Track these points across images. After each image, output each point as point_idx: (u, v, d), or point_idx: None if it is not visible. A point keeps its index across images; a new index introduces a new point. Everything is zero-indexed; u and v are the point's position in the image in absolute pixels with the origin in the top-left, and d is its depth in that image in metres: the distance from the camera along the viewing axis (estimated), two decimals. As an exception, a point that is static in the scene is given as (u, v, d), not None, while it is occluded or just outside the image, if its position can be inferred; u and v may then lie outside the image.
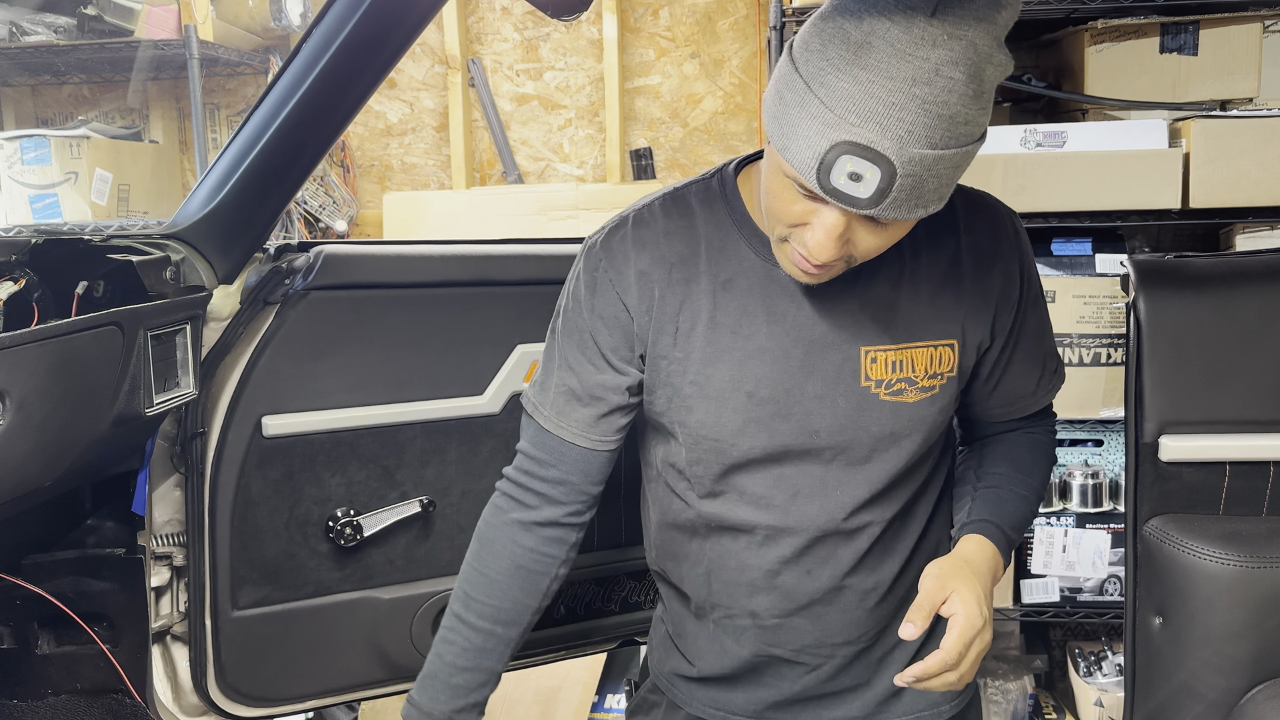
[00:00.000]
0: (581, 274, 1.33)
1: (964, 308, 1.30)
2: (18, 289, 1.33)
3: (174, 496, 1.61)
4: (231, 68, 3.45)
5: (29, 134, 3.16)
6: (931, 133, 1.02)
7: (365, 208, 3.55)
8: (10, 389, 1.19)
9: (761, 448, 1.29)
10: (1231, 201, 2.59)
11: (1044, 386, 1.41)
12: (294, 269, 1.60)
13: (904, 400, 1.28)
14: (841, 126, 1.03)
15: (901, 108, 1.01)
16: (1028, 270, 1.34)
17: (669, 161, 3.45)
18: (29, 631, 1.60)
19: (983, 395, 1.39)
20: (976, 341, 1.31)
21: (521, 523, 1.37)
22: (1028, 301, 1.35)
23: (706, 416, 1.28)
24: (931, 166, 1.04)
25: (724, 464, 1.31)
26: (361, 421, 1.64)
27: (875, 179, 1.04)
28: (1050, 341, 1.41)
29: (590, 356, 1.32)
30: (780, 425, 1.28)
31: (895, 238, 1.16)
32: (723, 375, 1.27)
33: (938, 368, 1.29)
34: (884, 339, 1.27)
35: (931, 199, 1.08)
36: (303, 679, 1.68)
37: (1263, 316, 1.63)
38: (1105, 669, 2.90)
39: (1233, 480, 1.64)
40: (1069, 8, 2.65)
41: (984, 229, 1.31)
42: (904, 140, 1.02)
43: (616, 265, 1.30)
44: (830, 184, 1.05)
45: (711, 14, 3.37)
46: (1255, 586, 1.55)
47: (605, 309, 1.30)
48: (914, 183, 1.05)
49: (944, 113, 1.02)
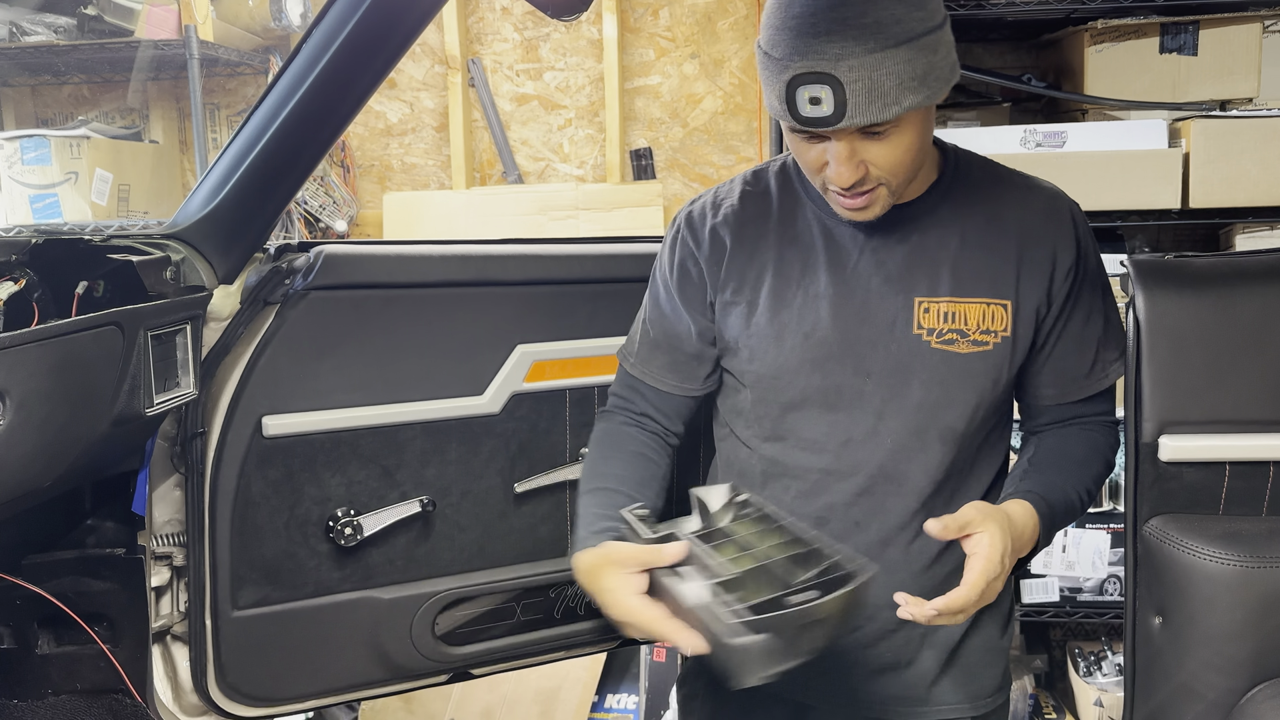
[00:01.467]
0: (669, 238, 1.51)
1: (1018, 273, 1.39)
2: (18, 289, 1.33)
3: (174, 496, 1.61)
4: (231, 68, 3.45)
5: (29, 134, 3.16)
6: (863, 40, 1.18)
7: (365, 208, 3.55)
8: (10, 389, 1.19)
9: (816, 387, 1.39)
10: (1231, 201, 2.59)
11: (1099, 371, 1.47)
12: (294, 269, 1.60)
13: (955, 350, 1.37)
14: (789, 67, 1.21)
15: (827, 32, 1.18)
16: (1085, 248, 1.43)
17: (669, 161, 3.45)
18: (29, 631, 1.60)
19: (1035, 370, 1.45)
20: (1034, 305, 1.40)
21: (625, 427, 1.52)
22: (1084, 276, 1.42)
23: (766, 356, 1.41)
24: (877, 67, 1.18)
25: (782, 403, 1.42)
26: (361, 421, 1.64)
27: (830, 96, 1.20)
28: (1115, 331, 1.49)
29: (668, 309, 1.49)
30: (834, 366, 1.39)
31: (906, 147, 1.27)
32: (784, 318, 1.40)
33: (990, 324, 1.38)
34: (937, 290, 1.38)
35: (898, 94, 1.20)
36: (303, 679, 1.68)
37: (1263, 316, 1.63)
38: (1105, 669, 2.90)
39: (1233, 480, 1.64)
40: (1069, 8, 2.65)
41: (1039, 207, 1.42)
42: (839, 55, 1.18)
43: (694, 227, 1.47)
44: (800, 114, 1.22)
45: (711, 14, 3.37)
46: (1255, 586, 1.54)
47: (683, 264, 1.47)
48: (867, 85, 1.19)
49: (866, 21, 1.18)
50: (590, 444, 1.53)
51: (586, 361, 1.75)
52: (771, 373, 1.41)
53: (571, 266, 1.76)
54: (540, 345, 1.73)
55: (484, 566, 1.75)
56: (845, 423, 1.40)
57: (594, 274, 1.76)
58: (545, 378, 1.74)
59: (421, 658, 1.72)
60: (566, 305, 1.74)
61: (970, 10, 2.58)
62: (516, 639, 1.78)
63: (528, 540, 1.77)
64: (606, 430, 1.52)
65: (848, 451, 1.39)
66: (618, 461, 1.47)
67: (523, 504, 1.76)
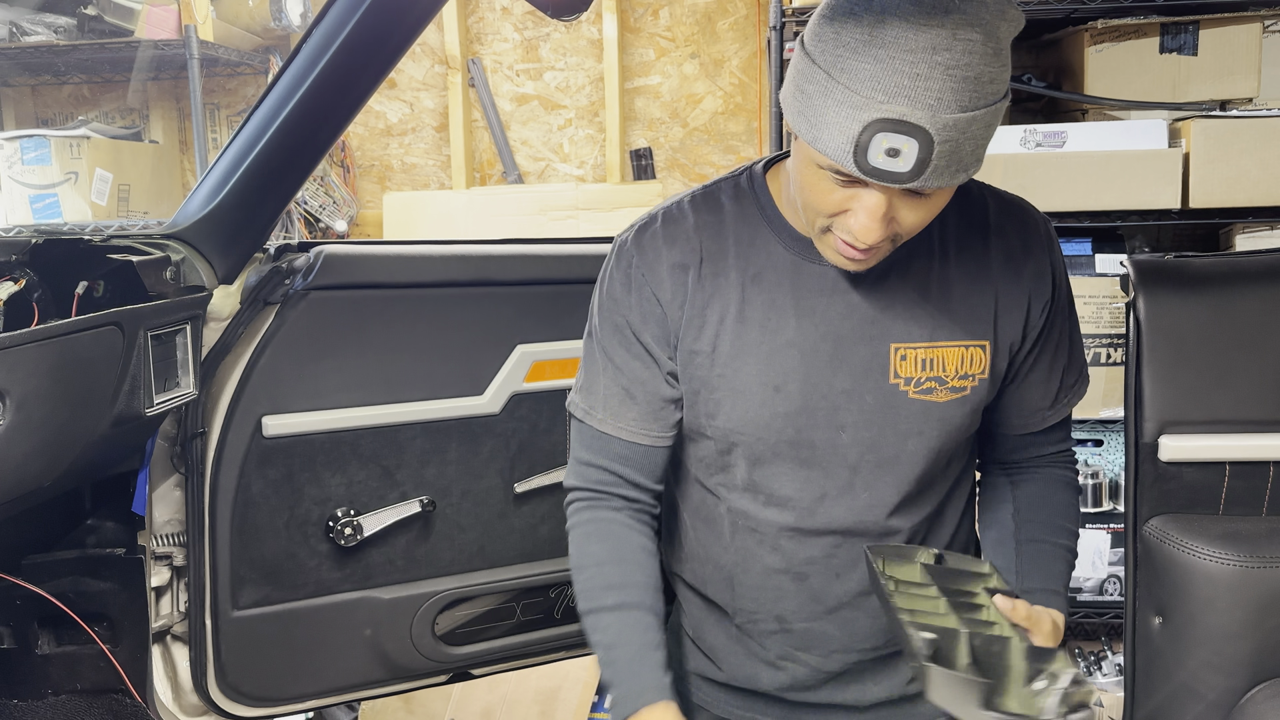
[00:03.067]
0: (614, 271, 1.34)
1: (996, 308, 1.29)
2: (18, 289, 1.33)
3: (174, 496, 1.61)
4: (231, 68, 3.45)
5: (29, 134, 3.16)
6: (960, 96, 1.04)
7: (365, 208, 3.55)
8: (10, 389, 1.19)
9: (789, 441, 1.28)
10: (1231, 201, 2.59)
11: (1061, 399, 1.38)
12: (294, 269, 1.60)
13: (933, 400, 1.27)
14: (870, 106, 1.04)
15: (926, 77, 1.03)
16: (1059, 273, 1.33)
17: (669, 161, 3.45)
18: (29, 631, 1.60)
19: (1001, 403, 1.37)
20: (1009, 342, 1.30)
21: (618, 516, 1.35)
22: (1058, 304, 1.33)
23: (734, 410, 1.28)
24: (965, 129, 1.05)
25: (750, 459, 1.30)
26: (361, 421, 1.64)
27: (914, 151, 1.05)
28: (1078, 352, 1.39)
29: (635, 352, 1.32)
30: (806, 420, 1.27)
31: (936, 209, 1.16)
32: (750, 369, 1.27)
33: (969, 369, 1.28)
34: (914, 336, 1.27)
35: (969, 161, 1.09)
36: (303, 679, 1.68)
37: (1263, 316, 1.63)
38: (1105, 669, 2.90)
39: (1233, 480, 1.64)
40: (1069, 8, 2.65)
41: (1015, 230, 1.31)
42: (934, 108, 1.03)
43: (648, 260, 1.30)
44: (869, 164, 1.06)
45: (711, 14, 3.37)
46: (1255, 586, 1.55)
47: (642, 303, 1.30)
48: (951, 148, 1.06)
49: (968, 74, 1.04)
50: (576, 541, 1.36)
51: (586, 361, 1.76)
52: (738, 428, 1.28)
53: (571, 266, 1.76)
54: (540, 345, 1.73)
55: (484, 566, 1.75)
56: (819, 478, 1.29)
57: (594, 274, 1.75)
58: (545, 378, 1.74)
59: (421, 658, 1.72)
60: (566, 305, 1.74)
61: (970, 10, 2.58)
62: (516, 639, 1.78)
63: (528, 540, 1.77)
64: (598, 523, 1.35)
65: (822, 507, 1.30)
66: (632, 567, 1.33)
67: (523, 504, 1.76)
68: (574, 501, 1.37)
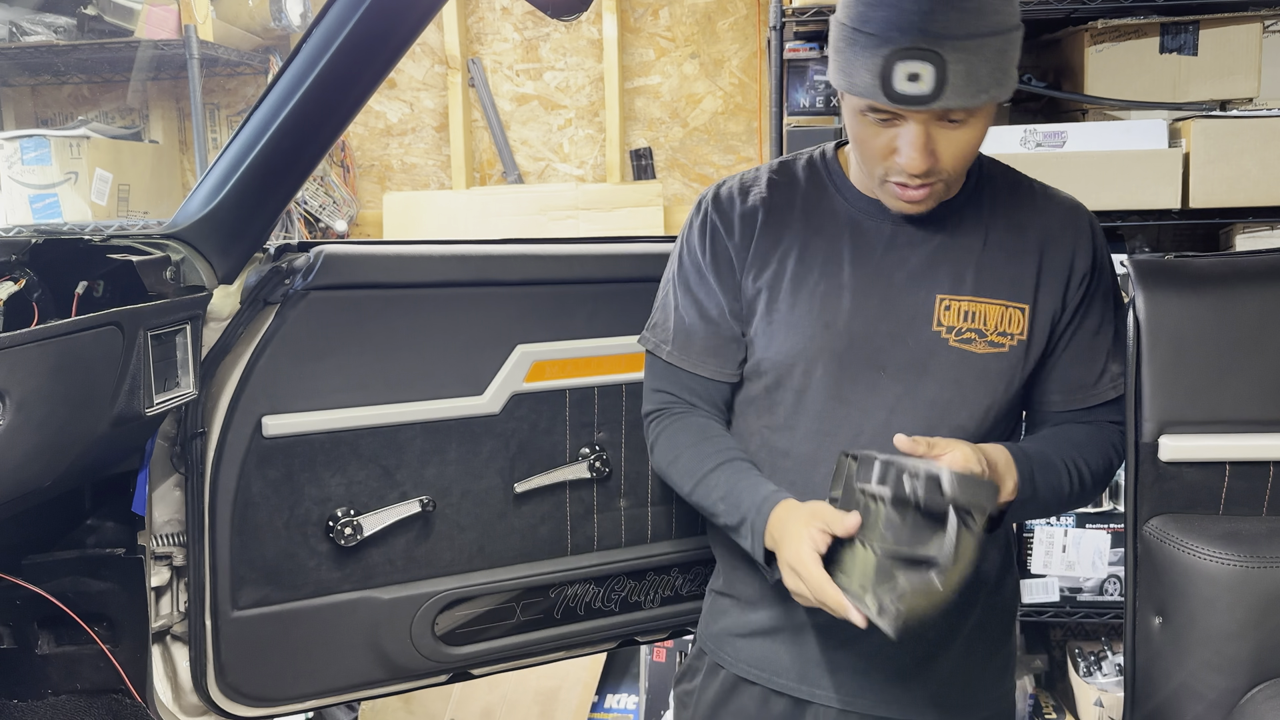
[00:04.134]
0: (694, 222, 1.51)
1: (1038, 278, 1.41)
2: (18, 289, 1.33)
3: (174, 496, 1.61)
4: (231, 68, 3.45)
5: (29, 134, 3.16)
6: (965, 23, 1.19)
7: (365, 208, 3.55)
8: (10, 389, 1.19)
9: (832, 376, 1.40)
10: (1231, 201, 2.59)
11: (1106, 381, 1.48)
12: (294, 269, 1.60)
13: (972, 350, 1.39)
14: (889, 42, 1.21)
15: (932, 12, 1.19)
16: (1101, 260, 1.46)
17: (669, 161, 3.45)
18: (29, 631, 1.60)
19: (1045, 375, 1.46)
20: (1050, 311, 1.42)
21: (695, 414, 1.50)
22: (1098, 285, 1.45)
23: (786, 342, 1.42)
24: (977, 51, 1.20)
25: (796, 390, 1.42)
26: (361, 421, 1.64)
27: (931, 73, 1.20)
28: (1121, 347, 1.49)
29: (707, 291, 1.48)
30: (851, 357, 1.39)
31: (973, 140, 1.30)
32: (804, 306, 1.41)
33: (1008, 327, 1.40)
34: (959, 289, 1.39)
35: (988, 83, 1.23)
36: (303, 679, 1.68)
37: (1263, 316, 1.63)
38: (1105, 669, 2.90)
39: (1233, 480, 1.64)
40: (1069, 8, 2.65)
41: (1059, 215, 1.44)
42: (943, 35, 1.19)
43: (722, 210, 1.48)
44: (895, 91, 1.22)
45: (711, 14, 3.37)
46: (1255, 586, 1.54)
47: (715, 248, 1.47)
48: (966, 68, 1.20)
49: (969, 5, 1.20)
50: (664, 441, 1.50)
51: (586, 361, 1.75)
52: (788, 360, 1.42)
53: (571, 266, 1.76)
54: (540, 345, 1.73)
55: (484, 566, 1.75)
56: (858, 415, 1.40)
57: (594, 274, 1.76)
58: (545, 378, 1.74)
59: (421, 658, 1.72)
60: (566, 305, 1.74)
61: (970, 10, 2.58)
62: (516, 639, 1.78)
63: (528, 540, 1.77)
64: (679, 419, 1.50)
65: (858, 444, 1.39)
66: (720, 439, 1.46)
67: (523, 504, 1.76)
68: (652, 420, 1.53)
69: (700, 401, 1.50)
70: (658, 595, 1.85)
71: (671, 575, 1.85)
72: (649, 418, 1.55)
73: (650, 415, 1.54)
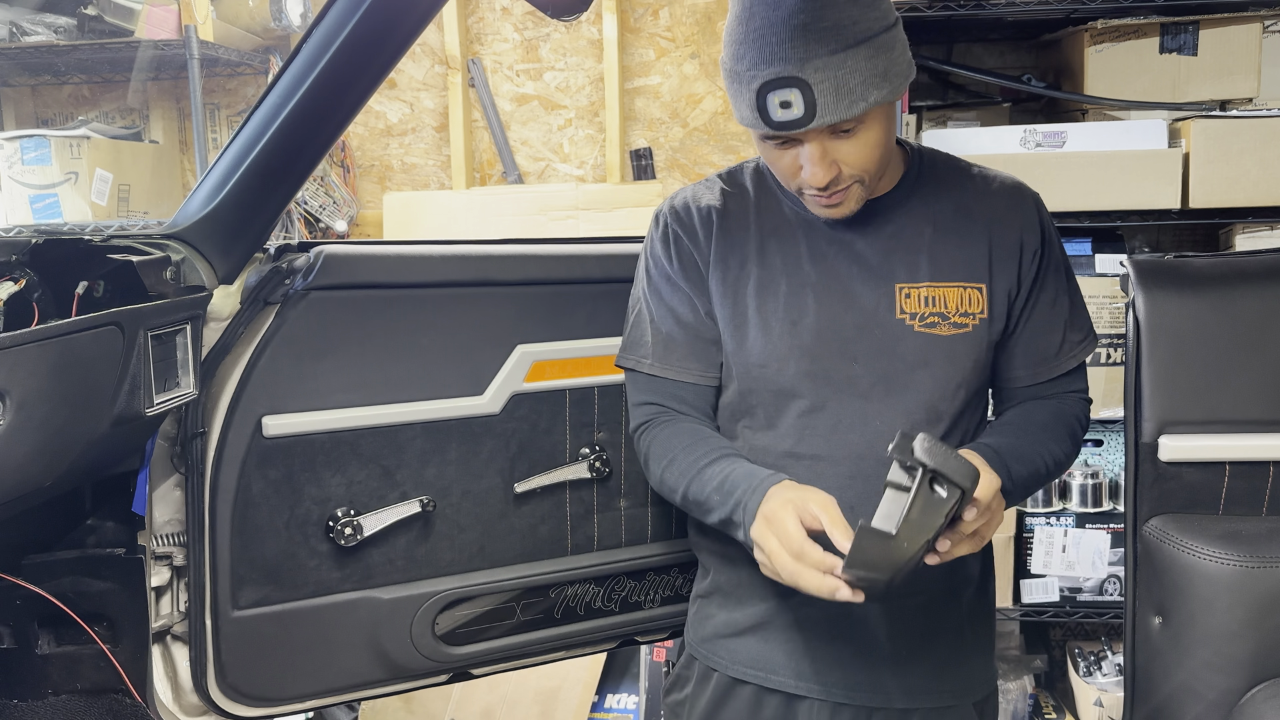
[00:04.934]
0: (656, 235, 1.54)
1: (990, 257, 1.45)
2: (18, 289, 1.33)
3: (174, 496, 1.61)
4: (231, 68, 3.45)
5: (29, 134, 3.16)
6: (824, 44, 1.24)
7: (365, 208, 3.55)
8: (10, 389, 1.19)
9: (805, 372, 1.43)
10: (1231, 201, 2.59)
11: (1066, 351, 1.51)
12: (294, 269, 1.60)
13: (937, 333, 1.43)
14: (757, 76, 1.28)
15: (789, 40, 1.25)
16: (1048, 234, 1.50)
17: (669, 161, 3.45)
18: (29, 631, 1.59)
19: (1008, 352, 1.50)
20: (1006, 288, 1.46)
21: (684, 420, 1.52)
22: (1049, 259, 1.49)
23: (755, 344, 1.45)
24: (841, 67, 1.25)
25: (771, 391, 1.45)
26: (361, 421, 1.64)
27: (799, 98, 1.26)
28: (1080, 314, 1.53)
29: (680, 297, 1.50)
30: (821, 351, 1.43)
31: (874, 142, 1.34)
32: (770, 306, 1.45)
33: (969, 307, 1.44)
34: (916, 277, 1.44)
35: (863, 91, 1.27)
36: (303, 679, 1.68)
37: (1263, 316, 1.63)
38: (1105, 669, 2.90)
39: (1232, 480, 1.64)
40: (1069, 8, 2.65)
41: (1003, 196, 1.49)
42: (803, 60, 1.24)
43: (681, 219, 1.51)
44: (773, 120, 1.29)
45: (711, 14, 3.37)
46: (1255, 586, 1.55)
47: (680, 254, 1.50)
48: (834, 85, 1.26)
49: (825, 25, 1.24)
50: (657, 448, 1.50)
51: (586, 362, 1.75)
52: (759, 361, 1.45)
53: (571, 266, 1.76)
54: (540, 345, 1.73)
55: (484, 566, 1.75)
56: (834, 408, 1.43)
57: (594, 274, 1.76)
58: (545, 378, 1.74)
59: (421, 658, 1.72)
60: (566, 305, 1.74)
61: (970, 10, 2.58)
62: (516, 639, 1.78)
63: (528, 540, 1.77)
64: (669, 426, 1.51)
65: (837, 436, 1.43)
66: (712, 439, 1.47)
67: (523, 504, 1.76)
68: (642, 432, 1.54)
69: (688, 408, 1.52)
70: (658, 595, 1.85)
71: (671, 575, 1.85)
72: (638, 431, 1.55)
73: (639, 428, 1.55)
